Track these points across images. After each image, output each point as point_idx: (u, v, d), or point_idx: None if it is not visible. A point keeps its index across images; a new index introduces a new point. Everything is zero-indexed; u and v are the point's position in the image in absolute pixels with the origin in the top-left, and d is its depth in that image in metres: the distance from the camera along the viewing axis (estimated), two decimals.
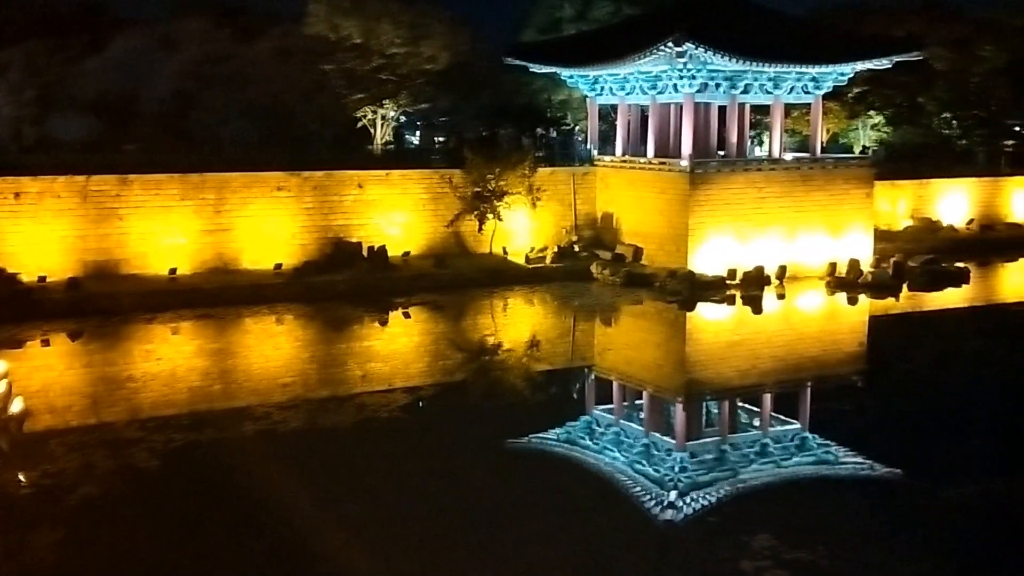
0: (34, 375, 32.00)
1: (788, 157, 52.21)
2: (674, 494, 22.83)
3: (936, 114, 68.86)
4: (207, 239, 44.72)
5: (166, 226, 43.98)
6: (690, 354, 38.28)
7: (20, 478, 23.55)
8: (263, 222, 45.74)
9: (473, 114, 62.14)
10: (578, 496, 22.84)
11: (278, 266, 45.15)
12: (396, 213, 48.61)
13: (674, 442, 27.09)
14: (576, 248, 50.39)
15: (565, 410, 29.59)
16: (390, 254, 46.78)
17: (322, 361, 35.25)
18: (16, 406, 26.82)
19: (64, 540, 20.20)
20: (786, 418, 28.69)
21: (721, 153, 51.49)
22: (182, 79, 53.32)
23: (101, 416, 28.41)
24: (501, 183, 48.57)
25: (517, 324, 42.95)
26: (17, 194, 41.60)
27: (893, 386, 33.32)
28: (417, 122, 69.87)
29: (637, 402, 31.22)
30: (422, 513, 21.43)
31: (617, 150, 53.25)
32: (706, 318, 43.09)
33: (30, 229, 41.65)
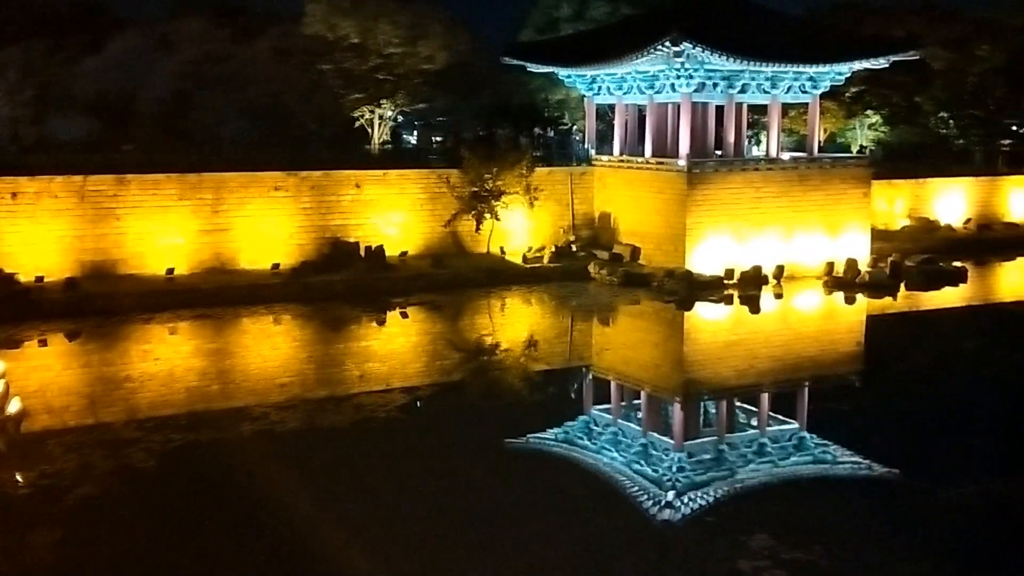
0: (32, 375, 31.98)
1: (785, 157, 52.29)
2: (672, 494, 22.84)
3: (933, 114, 68.94)
4: (205, 239, 44.71)
5: (164, 226, 43.96)
6: (688, 354, 38.28)
7: (18, 478, 23.53)
8: (261, 222, 45.74)
9: (471, 114, 62.20)
10: (576, 496, 22.84)
11: (276, 266, 45.15)
12: (393, 213, 48.61)
13: (672, 442, 27.10)
14: (574, 248, 50.40)
15: (563, 410, 29.57)
16: (387, 254, 46.79)
17: (320, 361, 35.24)
18: (14, 406, 26.81)
19: (62, 540, 20.18)
20: (784, 418, 28.71)
21: (718, 153, 51.53)
22: (180, 79, 53.37)
23: (99, 416, 28.39)
24: (499, 183, 48.58)
25: (515, 324, 42.96)
26: (14, 194, 41.57)
27: (891, 386, 33.36)
28: (415, 122, 69.92)
29: (635, 402, 31.22)
30: (421, 513, 21.43)
31: (615, 150, 53.27)
32: (704, 318, 43.10)
33: (28, 229, 41.63)
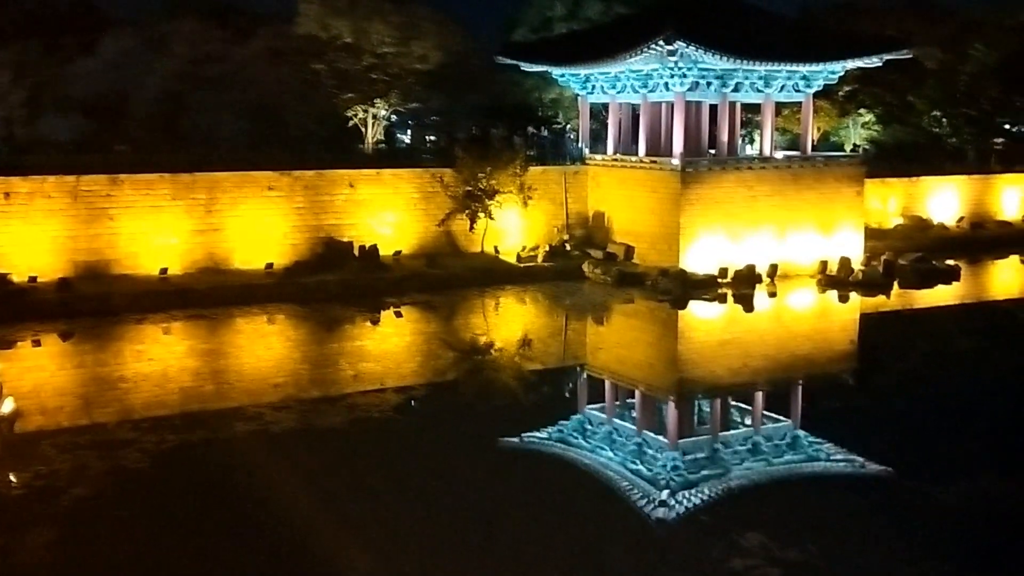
0: (25, 376, 31.94)
1: (779, 156, 52.35)
2: (666, 492, 22.87)
3: (926, 112, 69.02)
4: (198, 239, 44.66)
5: (157, 226, 43.90)
6: (682, 352, 38.33)
7: (11, 479, 23.50)
8: (254, 222, 45.69)
9: (464, 113, 62.11)
10: (571, 495, 22.87)
11: (269, 266, 45.12)
12: (387, 212, 48.59)
13: (666, 441, 27.13)
14: (568, 247, 50.43)
15: (557, 409, 29.57)
16: (381, 253, 46.74)
17: (314, 361, 35.22)
18: (7, 407, 26.79)
19: (57, 541, 20.15)
20: (778, 416, 28.75)
21: (712, 152, 51.58)
22: (174, 79, 53.27)
23: (93, 417, 28.34)
24: (492, 182, 48.57)
25: (509, 323, 42.98)
26: (7, 194, 41.48)
27: (884, 384, 33.45)
28: (408, 121, 69.81)
29: (629, 401, 31.30)
30: (417, 512, 21.43)
31: (608, 149, 53.29)
32: (697, 316, 43.15)
33: (20, 229, 41.55)
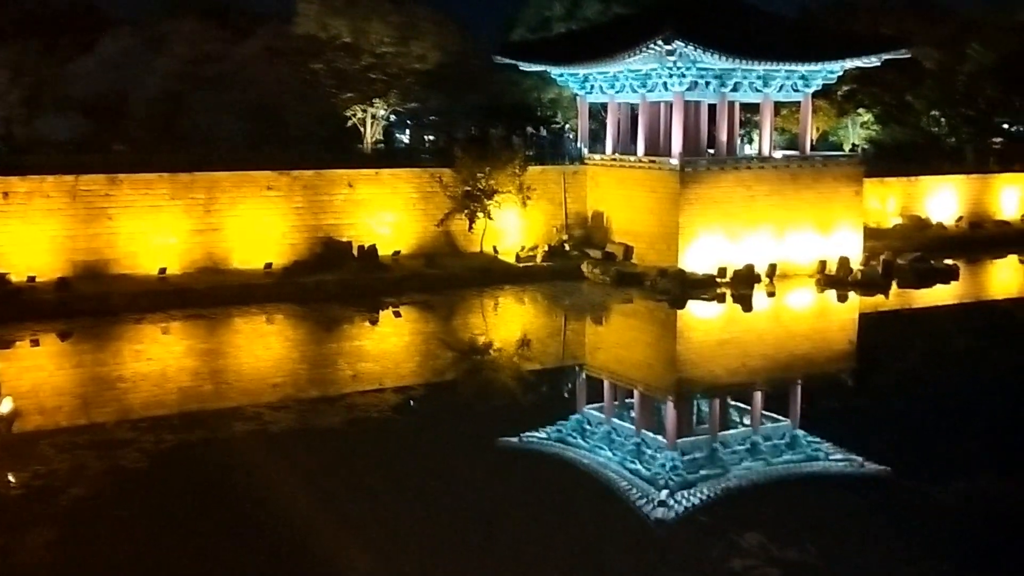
0: (24, 375, 31.95)
1: (778, 155, 52.34)
2: (665, 492, 22.87)
3: (925, 112, 69.07)
4: (197, 239, 44.64)
5: (156, 226, 43.87)
6: (680, 352, 38.33)
7: (10, 479, 23.49)
8: (253, 222, 45.67)
9: (463, 113, 62.12)
10: (570, 495, 22.87)
11: (268, 266, 45.10)
12: (386, 212, 48.58)
13: (665, 440, 27.13)
14: (566, 247, 50.42)
15: (556, 409, 29.60)
16: (380, 253, 46.72)
17: (313, 361, 35.21)
18: (6, 406, 26.80)
19: (56, 541, 20.12)
20: (776, 416, 28.76)
21: (711, 151, 51.60)
22: (172, 79, 53.29)
23: (91, 416, 28.33)
24: (491, 182, 48.56)
25: (508, 323, 42.98)
26: (6, 194, 41.44)
27: (883, 383, 33.46)
28: (407, 121, 69.80)
29: (628, 401, 31.30)
30: (417, 512, 21.41)
31: (607, 149, 53.28)
32: (696, 316, 43.16)
33: (19, 229, 41.52)
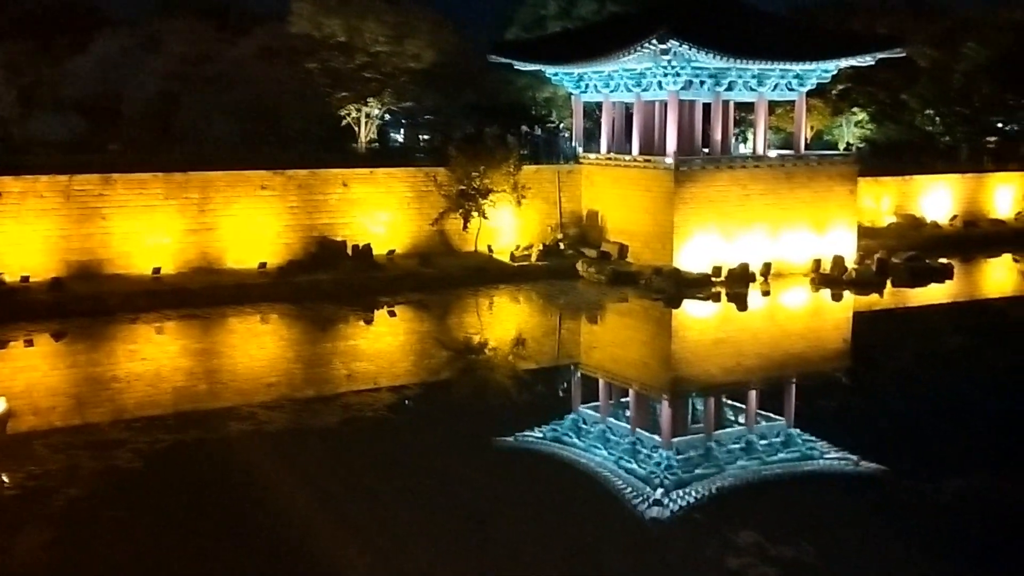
0: (17, 376, 31.91)
1: (772, 154, 52.41)
2: (660, 491, 22.88)
3: (919, 111, 69.17)
4: (191, 238, 44.57)
5: (150, 225, 43.79)
6: (675, 351, 38.34)
7: (4, 480, 23.43)
8: (247, 221, 45.60)
9: (458, 112, 62.15)
10: (565, 494, 22.87)
11: (262, 265, 45.05)
12: (381, 212, 48.54)
13: (660, 439, 27.15)
14: (561, 246, 50.41)
15: (552, 408, 29.58)
16: (375, 253, 46.71)
17: (307, 360, 35.16)
18: None
19: (50, 542, 20.09)
20: (771, 415, 28.78)
21: (706, 151, 51.62)
22: (166, 79, 53.27)
23: (86, 417, 28.25)
24: (486, 181, 48.54)
25: (503, 322, 42.97)
26: (0, 194, 41.39)
27: (877, 382, 33.51)
28: (402, 120, 69.83)
29: (623, 399, 31.28)
30: (413, 511, 21.38)
31: (602, 148, 53.30)
32: (691, 315, 43.18)
33: (13, 229, 41.41)
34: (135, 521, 20.97)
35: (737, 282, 46.45)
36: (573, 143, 54.92)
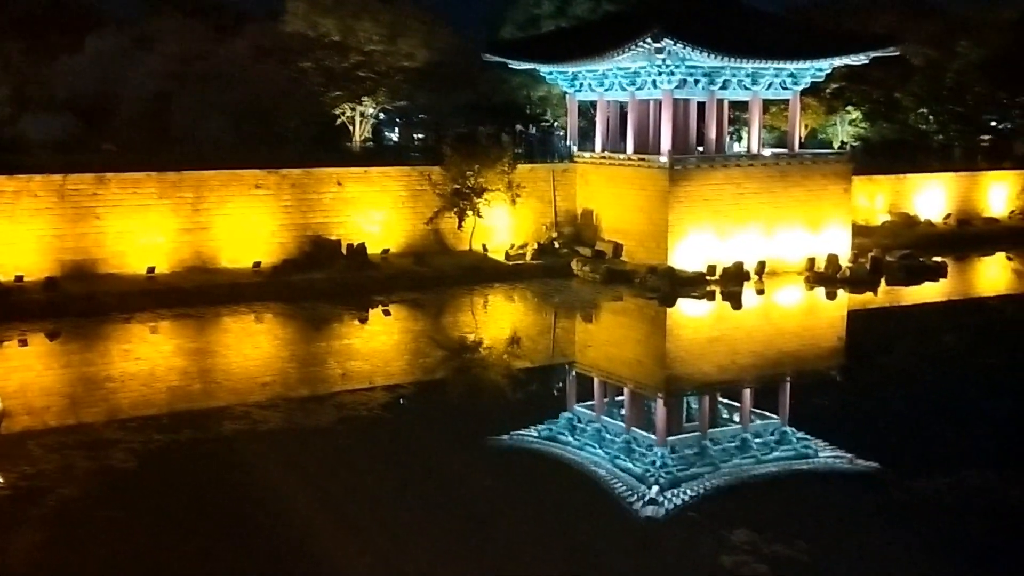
0: (11, 375, 31.83)
1: (767, 153, 52.46)
2: (655, 490, 22.90)
3: (913, 109, 69.31)
4: (185, 238, 44.50)
5: (144, 225, 43.73)
6: (670, 350, 38.35)
7: None
8: (241, 220, 45.54)
9: (452, 111, 62.12)
10: (560, 493, 22.90)
11: (257, 264, 44.99)
12: (375, 210, 48.51)
13: (655, 438, 27.16)
14: (556, 245, 50.42)
15: (546, 407, 29.59)
16: (369, 252, 46.65)
17: (302, 360, 35.13)
18: None
19: (44, 542, 20.07)
20: (766, 413, 28.81)
21: (700, 149, 51.64)
22: (160, 78, 53.15)
23: (80, 417, 28.21)
24: (481, 180, 48.53)
25: (498, 321, 42.96)
26: None
27: (871, 380, 33.52)
28: (396, 119, 69.84)
29: (618, 398, 31.30)
30: (408, 512, 21.41)
31: (596, 146, 53.28)
32: (686, 314, 43.20)
33: (6, 228, 41.32)
34: (129, 521, 20.93)
35: (732, 281, 46.49)
36: (568, 142, 54.95)
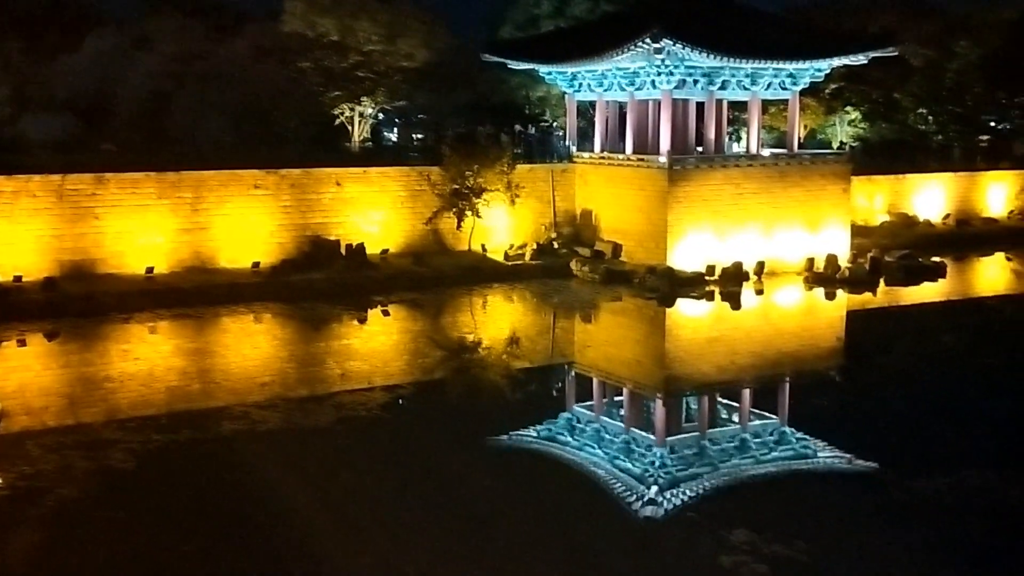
0: (10, 376, 31.82)
1: (766, 153, 52.46)
2: (654, 490, 22.89)
3: (912, 110, 69.31)
4: (184, 238, 44.48)
5: (143, 225, 43.71)
6: (669, 350, 38.35)
7: None
8: (240, 220, 45.53)
9: (451, 111, 62.12)
10: (559, 493, 22.88)
11: (256, 264, 44.97)
12: (374, 211, 48.49)
13: (654, 438, 27.15)
14: (555, 245, 50.42)
15: (546, 407, 29.58)
16: (368, 252, 46.64)
17: (301, 360, 35.11)
18: None
19: (42, 542, 20.05)
20: (765, 413, 28.80)
21: (699, 149, 51.65)
22: (158, 78, 53.09)
23: (79, 417, 28.19)
24: (480, 180, 48.52)
25: (497, 321, 42.95)
26: None
27: (871, 380, 33.52)
28: (395, 119, 69.83)
29: (617, 399, 31.30)
30: (407, 512, 21.39)
31: (596, 147, 53.28)
32: (685, 314, 43.19)
33: (5, 229, 41.29)
34: (128, 521, 20.91)
35: (731, 281, 46.49)
36: (567, 142, 54.95)
